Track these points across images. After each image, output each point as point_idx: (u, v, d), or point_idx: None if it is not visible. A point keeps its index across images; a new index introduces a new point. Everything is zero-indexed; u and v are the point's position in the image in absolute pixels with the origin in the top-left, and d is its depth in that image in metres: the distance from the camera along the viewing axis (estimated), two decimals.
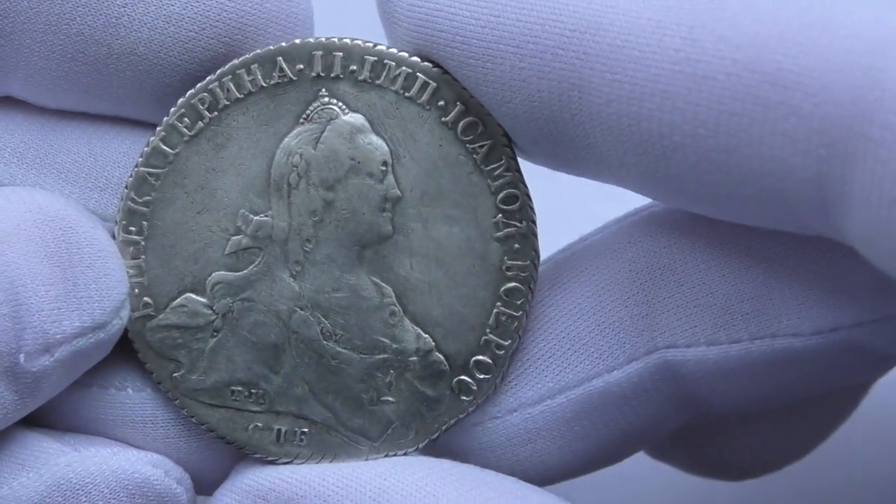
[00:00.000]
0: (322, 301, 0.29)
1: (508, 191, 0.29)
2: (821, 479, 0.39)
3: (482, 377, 0.29)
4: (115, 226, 0.29)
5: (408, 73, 0.29)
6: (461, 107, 0.29)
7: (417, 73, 0.29)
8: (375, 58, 0.29)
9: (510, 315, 0.29)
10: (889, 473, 0.39)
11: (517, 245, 0.29)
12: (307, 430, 0.29)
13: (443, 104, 0.29)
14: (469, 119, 0.29)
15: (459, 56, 0.28)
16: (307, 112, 0.29)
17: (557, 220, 0.33)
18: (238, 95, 0.29)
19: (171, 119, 0.29)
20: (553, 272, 0.30)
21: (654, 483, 0.35)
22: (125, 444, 0.29)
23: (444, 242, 0.29)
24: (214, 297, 0.29)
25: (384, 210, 0.29)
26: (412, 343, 0.29)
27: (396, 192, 0.29)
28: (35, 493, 0.28)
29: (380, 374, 0.29)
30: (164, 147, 0.29)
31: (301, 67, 0.29)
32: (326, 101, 0.29)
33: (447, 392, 0.29)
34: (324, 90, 0.29)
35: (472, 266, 0.29)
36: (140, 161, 0.29)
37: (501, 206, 0.29)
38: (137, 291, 0.29)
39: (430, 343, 0.29)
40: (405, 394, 0.29)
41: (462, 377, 0.29)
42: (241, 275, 0.29)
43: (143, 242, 0.29)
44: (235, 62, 0.28)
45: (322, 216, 0.29)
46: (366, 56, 0.29)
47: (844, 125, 0.24)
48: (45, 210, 0.28)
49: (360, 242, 0.29)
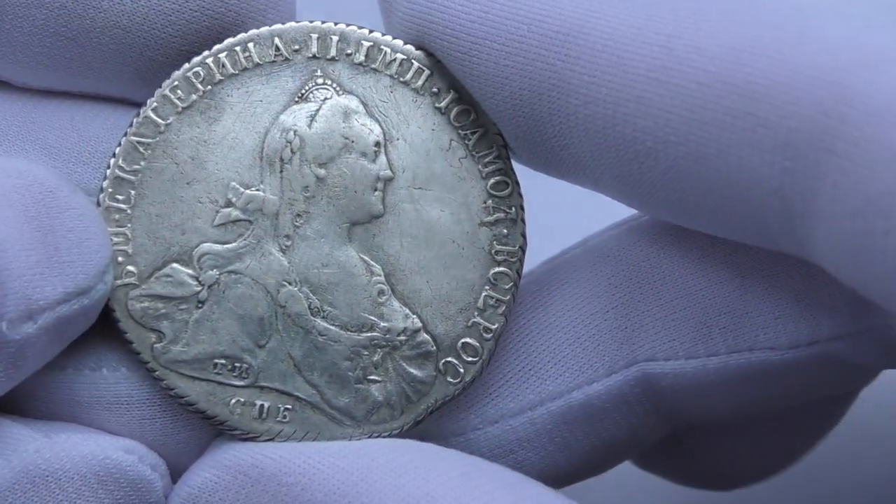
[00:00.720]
0: (311, 276, 0.29)
1: (498, 177, 0.29)
2: (816, 484, 0.38)
3: (469, 360, 0.29)
4: (101, 193, 0.29)
5: (402, 60, 0.29)
6: (454, 94, 0.29)
7: (412, 60, 0.29)
8: (371, 43, 0.29)
9: (498, 299, 0.29)
10: (883, 477, 0.38)
11: (506, 230, 0.29)
12: (291, 407, 0.28)
13: (436, 91, 0.29)
14: (462, 107, 0.29)
15: (449, 49, 0.28)
16: (302, 91, 0.29)
17: (550, 225, 0.33)
18: (233, 71, 0.29)
19: (165, 90, 0.29)
20: (534, 285, 0.30)
21: (652, 480, 0.34)
22: (97, 430, 0.28)
23: (435, 224, 0.29)
24: (201, 269, 0.28)
25: (376, 189, 0.29)
26: (400, 322, 0.29)
27: (388, 173, 0.29)
28: (3, 480, 0.27)
29: (366, 353, 0.29)
30: (156, 117, 0.29)
31: (297, 48, 0.29)
32: (321, 82, 0.29)
33: (434, 373, 0.29)
34: (319, 71, 0.29)
35: (462, 249, 0.29)
36: (130, 130, 0.29)
37: (491, 192, 0.29)
38: (121, 260, 0.28)
39: (418, 323, 0.29)
40: (392, 374, 0.29)
41: (449, 359, 0.29)
42: (230, 247, 0.29)
43: (130, 211, 0.28)
44: (231, 39, 0.29)
45: (314, 192, 0.29)
46: (362, 41, 0.29)
47: (810, 138, 0.24)
48: (25, 175, 0.27)
49: (351, 220, 0.29)
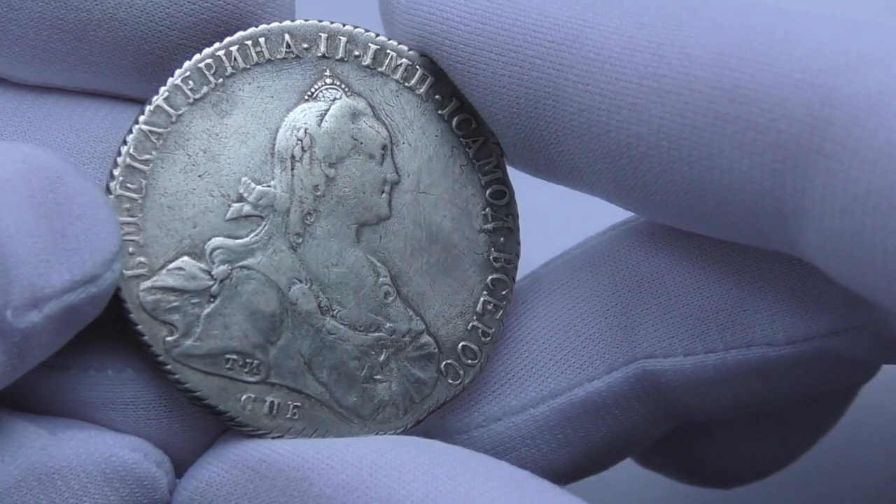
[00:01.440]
0: (321, 275, 0.28)
1: (497, 186, 0.30)
2: (815, 483, 0.39)
3: (468, 362, 0.29)
4: (112, 181, 0.28)
5: (408, 65, 0.29)
6: (456, 102, 0.30)
7: (417, 66, 0.29)
8: (378, 46, 0.29)
9: (495, 304, 0.30)
10: (883, 477, 0.39)
11: (503, 238, 0.30)
12: (300, 405, 0.28)
13: (439, 98, 0.29)
14: (463, 115, 0.30)
15: (448, 58, 0.29)
16: (312, 90, 0.29)
17: (550, 227, 0.34)
18: (244, 66, 0.28)
19: (177, 80, 0.28)
20: (535, 285, 0.31)
21: (653, 478, 0.35)
22: (103, 428, 0.28)
23: (437, 229, 0.29)
24: (213, 263, 0.28)
25: (383, 192, 0.29)
26: (404, 324, 0.29)
27: (395, 176, 0.29)
28: (9, 478, 0.26)
29: (373, 353, 0.29)
30: (168, 107, 0.28)
31: (306, 46, 0.29)
32: (330, 82, 0.29)
33: (436, 375, 0.29)
34: (328, 71, 0.29)
35: (462, 254, 0.29)
36: (142, 119, 0.28)
37: (490, 200, 0.30)
38: (132, 250, 0.28)
39: (421, 325, 0.29)
40: (396, 374, 0.29)
41: (450, 361, 0.29)
42: (242, 242, 0.28)
43: (140, 200, 0.28)
44: (242, 33, 0.29)
45: (324, 191, 0.29)
46: (369, 43, 0.29)
47: (799, 140, 0.25)
48: (31, 160, 0.27)
49: (359, 221, 0.29)
